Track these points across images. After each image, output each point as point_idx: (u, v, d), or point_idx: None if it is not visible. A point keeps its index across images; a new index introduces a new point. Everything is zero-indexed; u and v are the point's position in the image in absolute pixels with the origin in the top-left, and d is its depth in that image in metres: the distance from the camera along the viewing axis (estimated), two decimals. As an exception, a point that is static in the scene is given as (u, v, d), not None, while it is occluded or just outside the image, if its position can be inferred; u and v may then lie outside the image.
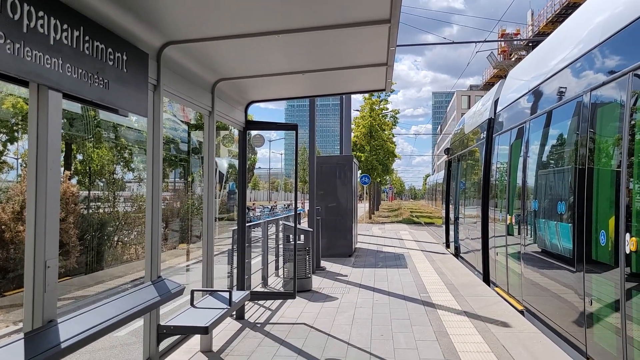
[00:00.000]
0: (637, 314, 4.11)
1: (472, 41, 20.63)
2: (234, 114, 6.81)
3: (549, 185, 6.57)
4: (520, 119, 7.78)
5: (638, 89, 4.24)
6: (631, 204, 4.24)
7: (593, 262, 5.00)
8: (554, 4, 39.85)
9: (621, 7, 4.78)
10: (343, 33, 4.68)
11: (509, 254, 8.24)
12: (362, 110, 35.68)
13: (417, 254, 14.58)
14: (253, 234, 9.26)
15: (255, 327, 6.72)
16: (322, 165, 14.07)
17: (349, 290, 9.16)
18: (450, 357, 5.46)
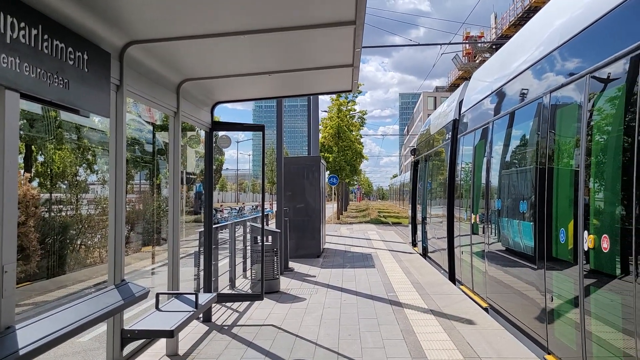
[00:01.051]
0: (595, 309, 4.24)
1: (438, 43, 20.94)
2: (200, 115, 6.74)
3: (512, 185, 6.72)
4: (484, 119, 7.93)
5: (595, 91, 4.38)
6: (589, 202, 4.37)
7: (553, 259, 5.14)
8: (517, 7, 40.78)
9: (579, 11, 4.92)
10: (309, 34, 4.69)
11: (474, 253, 8.39)
12: (330, 111, 35.76)
13: (384, 254, 14.70)
14: (220, 235, 9.19)
15: (222, 329, 6.66)
16: (290, 166, 14.05)
17: (317, 291, 9.18)
18: (416, 355, 5.52)
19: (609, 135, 4.22)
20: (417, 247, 15.63)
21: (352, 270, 11.65)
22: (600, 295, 4.23)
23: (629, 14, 3.89)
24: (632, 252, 3.64)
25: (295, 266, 12.18)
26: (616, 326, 3.92)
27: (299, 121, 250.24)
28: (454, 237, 10.07)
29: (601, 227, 4.16)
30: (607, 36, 4.27)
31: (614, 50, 4.02)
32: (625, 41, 3.85)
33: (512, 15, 41.88)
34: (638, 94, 3.66)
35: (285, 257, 11.64)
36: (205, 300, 5.51)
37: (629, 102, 3.83)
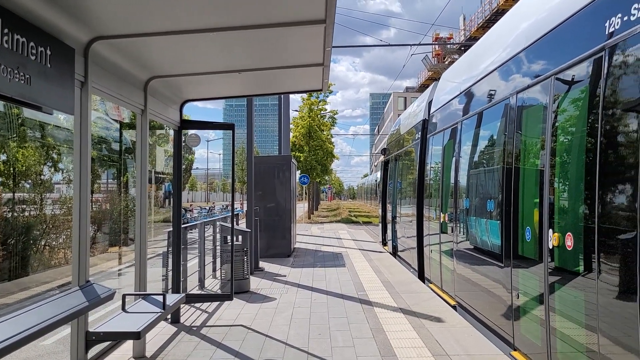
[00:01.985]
0: (560, 306, 4.33)
1: (408, 44, 21.13)
2: (169, 113, 6.64)
3: (480, 184, 6.82)
4: (453, 120, 8.03)
5: (559, 92, 4.47)
6: (553, 201, 4.46)
7: (520, 257, 5.23)
8: (485, 10, 41.46)
9: (544, 14, 5.02)
10: (279, 32, 4.67)
11: (443, 251, 8.49)
12: (301, 110, 35.76)
13: (355, 253, 14.76)
14: (190, 235, 9.07)
15: (191, 330, 6.58)
16: (260, 165, 13.98)
17: (288, 291, 9.15)
18: (386, 353, 5.55)
19: (572, 136, 4.32)
20: (387, 246, 15.74)
21: (322, 269, 11.66)
22: (564, 292, 4.33)
23: (592, 18, 3.98)
24: (594, 250, 3.73)
25: (266, 266, 12.13)
26: (579, 322, 4.01)
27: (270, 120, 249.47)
28: (423, 236, 10.17)
29: (565, 226, 4.25)
30: (571, 39, 4.36)
31: (577, 53, 4.12)
32: (588, 44, 3.94)
33: (480, 18, 42.57)
34: (600, 96, 3.75)
35: (256, 256, 11.58)
36: (174, 301, 5.43)
37: (591, 103, 3.92)
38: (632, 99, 3.44)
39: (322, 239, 19.38)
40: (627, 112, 3.50)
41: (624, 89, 3.57)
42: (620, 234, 3.49)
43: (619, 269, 3.51)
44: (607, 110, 3.69)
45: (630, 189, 3.40)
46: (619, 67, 3.60)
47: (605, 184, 3.66)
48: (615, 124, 3.64)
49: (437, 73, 48.91)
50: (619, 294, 3.53)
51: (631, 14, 3.43)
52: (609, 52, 3.68)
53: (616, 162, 3.61)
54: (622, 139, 3.57)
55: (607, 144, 3.67)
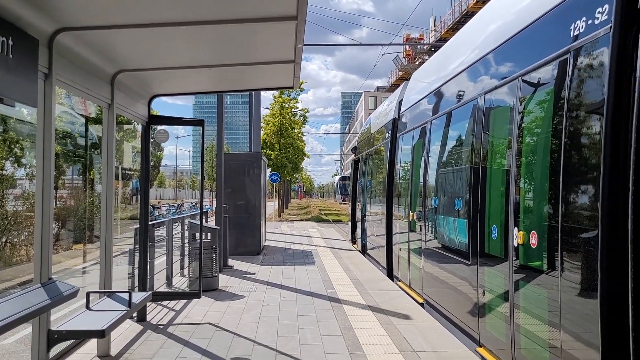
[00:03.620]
0: (524, 302, 4.42)
1: (379, 43, 21.25)
2: (136, 108, 6.52)
3: (448, 184, 6.90)
4: (422, 119, 8.11)
5: (526, 93, 4.56)
6: (519, 201, 4.55)
7: (486, 255, 5.32)
8: (455, 12, 42.01)
9: (512, 17, 5.11)
10: (249, 28, 4.63)
11: (411, 250, 8.58)
12: (272, 108, 35.63)
13: (324, 251, 14.78)
14: (158, 232, 8.94)
15: (157, 328, 6.49)
16: (230, 162, 13.87)
17: (257, 288, 9.11)
18: (354, 350, 5.58)
19: (538, 137, 4.41)
20: (356, 245, 15.81)
21: (292, 267, 11.64)
22: (528, 289, 4.42)
23: (557, 21, 4.07)
24: (558, 248, 3.81)
25: (235, 264, 12.04)
26: (543, 318, 4.10)
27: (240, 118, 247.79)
28: (392, 235, 10.25)
29: (530, 224, 4.34)
30: (537, 41, 4.45)
31: (543, 55, 4.20)
32: (554, 46, 4.02)
33: (450, 19, 43.12)
34: (565, 98, 3.83)
35: (225, 254, 11.49)
36: (140, 299, 5.34)
37: (556, 105, 4.00)
38: (595, 101, 3.53)
39: (292, 237, 19.36)
40: (590, 114, 3.59)
41: (587, 91, 3.66)
42: (582, 233, 3.58)
43: (581, 266, 3.60)
44: (571, 112, 3.78)
45: (592, 189, 3.49)
46: (583, 70, 3.69)
47: (568, 184, 3.75)
48: (578, 125, 3.73)
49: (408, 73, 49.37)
50: (581, 291, 3.62)
51: (595, 18, 3.52)
52: (574, 54, 3.76)
53: (579, 163, 3.69)
54: (585, 140, 3.65)
55: (571, 145, 3.76)
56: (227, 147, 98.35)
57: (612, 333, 3.25)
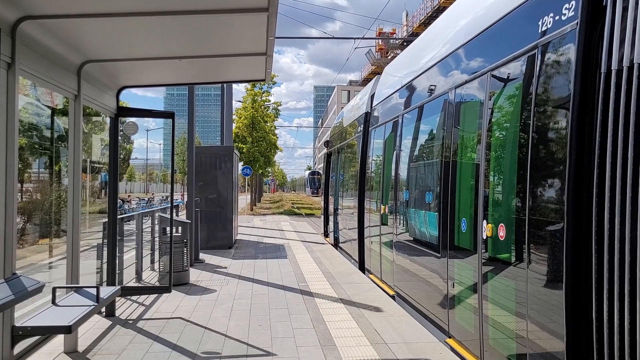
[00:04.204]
0: (492, 294, 4.50)
1: (351, 37, 21.27)
2: (104, 99, 6.39)
3: (419, 177, 6.97)
4: (394, 113, 8.15)
5: (495, 88, 4.62)
6: (488, 194, 4.62)
7: (456, 248, 5.39)
8: (426, 7, 42.30)
9: (482, 12, 5.17)
10: (220, 19, 4.58)
11: (383, 243, 8.64)
12: (245, 101, 35.38)
13: (297, 245, 14.79)
14: (127, 227, 8.79)
15: (127, 323, 6.40)
16: (201, 155, 13.73)
17: (228, 282, 9.06)
18: (325, 343, 5.60)
19: (506, 132, 4.48)
20: (329, 238, 15.86)
21: (264, 261, 11.61)
22: (496, 281, 4.50)
23: (526, 16, 4.12)
24: (525, 241, 3.89)
25: (207, 258, 11.95)
26: (510, 309, 4.18)
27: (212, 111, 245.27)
28: (364, 228, 10.31)
29: (498, 217, 4.41)
30: (506, 36, 4.51)
31: (512, 50, 4.26)
32: (522, 42, 4.08)
33: (422, 14, 43.40)
34: (533, 93, 3.90)
35: (196, 248, 11.39)
36: (108, 294, 5.25)
37: (524, 100, 4.07)
38: (561, 96, 3.60)
39: (264, 231, 19.30)
40: (557, 109, 3.66)
41: (554, 87, 3.73)
42: (548, 226, 3.66)
43: (547, 258, 3.68)
44: (538, 107, 3.84)
45: (558, 183, 3.56)
46: (550, 66, 3.75)
47: (535, 178, 3.82)
48: (546, 120, 3.80)
49: (380, 67, 49.58)
50: (547, 282, 3.70)
51: (562, 14, 3.58)
52: (542, 50, 3.83)
53: (546, 158, 3.76)
54: (552, 135, 3.72)
55: (538, 140, 3.82)
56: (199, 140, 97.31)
57: (576, 322, 3.33)
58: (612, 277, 3.00)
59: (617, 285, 2.96)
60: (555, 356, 3.53)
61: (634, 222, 2.86)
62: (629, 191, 2.89)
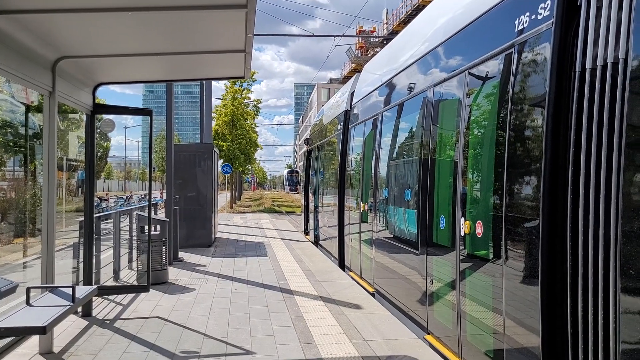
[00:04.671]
0: (470, 290, 4.54)
1: (331, 35, 21.27)
2: (80, 96, 6.28)
3: (399, 175, 7.00)
4: (373, 111, 8.17)
5: (473, 86, 4.66)
6: (465, 191, 4.66)
7: (434, 245, 5.43)
8: (406, 5, 42.50)
9: (461, 10, 5.20)
10: (198, 15, 4.53)
11: (362, 240, 8.66)
12: (224, 98, 35.16)
13: (277, 243, 14.76)
14: (105, 225, 8.68)
15: (104, 323, 6.31)
16: (180, 153, 13.61)
17: (208, 281, 9.00)
18: (305, 340, 5.60)
19: (483, 130, 4.52)
20: (309, 236, 15.86)
21: (244, 259, 11.57)
22: (474, 277, 4.54)
23: (503, 15, 4.16)
24: (502, 237, 3.93)
25: (186, 256, 11.85)
26: (487, 305, 4.22)
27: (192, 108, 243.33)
28: (344, 226, 10.32)
29: (476, 214, 4.45)
30: (484, 35, 4.55)
31: (489, 49, 4.29)
32: (500, 40, 4.12)
33: (402, 13, 43.60)
34: (510, 91, 3.93)
35: (175, 247, 11.29)
36: (84, 294, 5.17)
37: (501, 98, 4.11)
38: (537, 95, 3.64)
39: (244, 229, 19.22)
40: (533, 107, 3.70)
41: (530, 85, 3.77)
42: (525, 222, 3.70)
43: (524, 255, 3.72)
44: (515, 105, 3.88)
45: (534, 180, 3.60)
46: (527, 64, 3.80)
47: (512, 175, 3.86)
48: (522, 119, 3.84)
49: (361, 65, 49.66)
50: (523, 278, 3.75)
51: (538, 13, 3.62)
52: (518, 49, 3.87)
53: (522, 155, 3.81)
54: (528, 133, 3.77)
55: (515, 138, 3.87)
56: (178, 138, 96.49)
57: (552, 318, 3.38)
58: (586, 273, 3.05)
59: (590, 281, 3.01)
60: (531, 351, 3.58)
61: (607, 219, 2.90)
62: (603, 189, 2.94)
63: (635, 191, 2.81)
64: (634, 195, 2.80)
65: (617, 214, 2.83)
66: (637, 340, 2.76)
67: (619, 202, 2.82)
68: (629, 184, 2.82)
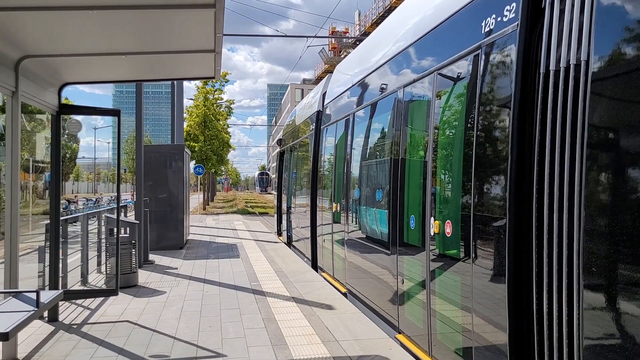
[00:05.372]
0: (440, 289, 4.58)
1: (304, 36, 21.26)
2: (45, 96, 6.14)
3: (370, 175, 7.02)
4: (345, 112, 8.19)
5: (442, 87, 4.70)
6: (435, 191, 4.70)
7: (405, 244, 5.47)
8: (378, 6, 42.79)
9: (430, 11, 5.25)
10: (166, 15, 4.48)
11: (335, 241, 8.67)
12: (196, 99, 34.81)
13: (250, 244, 14.68)
14: (73, 228, 8.50)
15: (70, 328, 6.18)
16: (151, 154, 13.43)
17: (179, 283, 8.89)
18: (276, 342, 5.57)
19: (452, 130, 4.56)
20: (282, 237, 15.81)
21: (216, 261, 11.47)
22: (444, 276, 4.58)
23: (470, 17, 4.21)
24: (470, 236, 3.97)
25: (157, 258, 11.69)
26: (457, 304, 4.26)
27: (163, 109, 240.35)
28: (316, 226, 10.32)
29: (445, 214, 4.50)
30: (452, 36, 4.60)
31: (457, 50, 4.34)
32: (467, 41, 4.17)
33: (374, 14, 43.87)
34: (477, 92, 3.98)
35: (145, 249, 11.12)
36: (49, 298, 5.05)
37: (469, 99, 4.16)
38: (503, 96, 3.69)
39: (216, 230, 19.06)
40: (499, 108, 3.76)
41: (496, 86, 3.82)
42: (492, 222, 3.75)
43: (491, 253, 3.77)
44: (482, 106, 3.93)
45: (501, 180, 3.65)
46: (493, 66, 3.85)
47: (479, 176, 3.91)
48: (489, 119, 3.89)
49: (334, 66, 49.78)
50: (491, 276, 3.80)
51: (504, 15, 3.68)
52: (485, 50, 3.92)
53: (489, 156, 3.86)
54: (495, 134, 3.82)
55: (482, 138, 3.92)
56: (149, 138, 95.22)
57: (518, 315, 3.43)
58: (551, 271, 3.11)
59: (555, 279, 3.07)
60: (498, 348, 3.63)
61: (570, 218, 2.96)
62: (566, 188, 3.00)
63: (597, 190, 2.87)
64: (596, 195, 2.86)
65: (580, 213, 2.88)
66: (599, 335, 2.82)
67: (582, 201, 2.88)
68: (591, 183, 2.88)
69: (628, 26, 2.76)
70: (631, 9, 2.76)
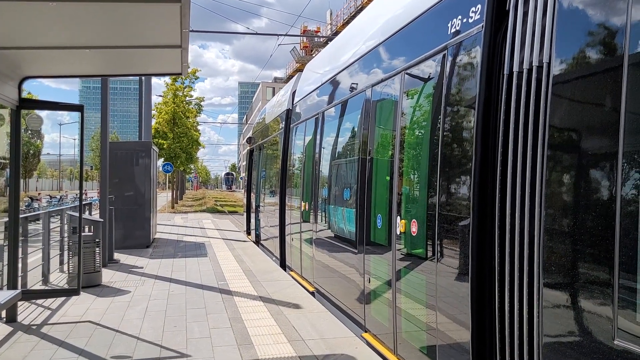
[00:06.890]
0: (405, 287, 4.61)
1: (275, 34, 21.16)
2: (4, 90, 5.94)
3: (339, 175, 7.02)
4: (314, 110, 8.17)
5: (408, 87, 4.73)
6: (401, 190, 4.72)
7: (372, 243, 5.48)
8: (350, 6, 42.92)
9: (400, 11, 5.27)
10: (130, 8, 4.38)
11: (303, 239, 8.65)
12: (165, 96, 34.34)
13: (218, 243, 14.54)
14: (34, 226, 8.27)
15: (30, 329, 6.00)
16: (117, 151, 13.16)
17: (144, 283, 8.74)
18: (242, 342, 5.52)
19: (418, 130, 4.59)
20: (251, 235, 15.72)
21: (183, 259, 11.32)
22: (409, 275, 4.61)
23: (436, 18, 4.24)
24: (435, 236, 4.00)
25: (122, 257, 11.48)
26: (422, 302, 4.29)
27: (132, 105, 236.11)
28: (285, 225, 10.28)
29: (411, 213, 4.52)
30: (419, 36, 4.62)
31: (424, 50, 4.37)
32: (434, 42, 4.20)
33: (346, 13, 43.99)
34: (443, 92, 4.01)
35: (110, 248, 10.90)
36: (7, 298, 4.90)
37: (435, 99, 4.19)
38: (468, 96, 3.73)
39: (185, 229, 18.83)
40: (465, 108, 3.79)
41: (462, 87, 3.86)
42: (456, 221, 3.79)
43: (456, 252, 3.81)
44: (448, 106, 3.97)
45: (466, 179, 3.69)
46: (459, 66, 3.88)
47: (444, 175, 3.94)
48: (454, 120, 3.93)
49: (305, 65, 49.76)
50: (455, 275, 3.83)
51: (469, 17, 3.71)
52: (451, 51, 3.95)
53: (454, 156, 3.89)
54: (460, 134, 3.85)
55: (447, 138, 3.95)
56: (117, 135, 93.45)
57: (481, 313, 3.47)
58: (513, 270, 3.15)
59: (517, 277, 3.11)
60: (462, 346, 3.66)
61: (531, 217, 3.00)
62: (528, 188, 3.04)
63: (557, 190, 2.92)
64: (556, 194, 2.91)
65: (541, 213, 2.93)
66: (558, 333, 2.87)
67: (542, 200, 2.93)
68: (551, 183, 2.92)
69: (589, 30, 2.81)
70: (592, 13, 2.81)
